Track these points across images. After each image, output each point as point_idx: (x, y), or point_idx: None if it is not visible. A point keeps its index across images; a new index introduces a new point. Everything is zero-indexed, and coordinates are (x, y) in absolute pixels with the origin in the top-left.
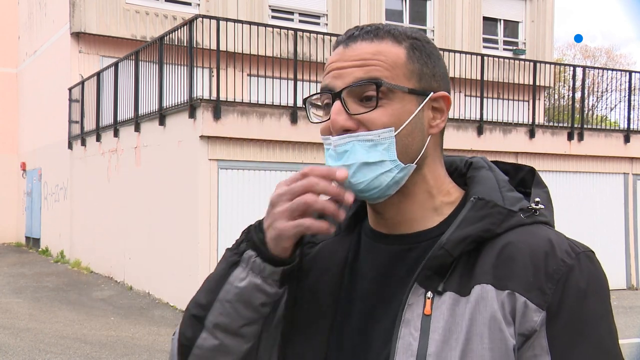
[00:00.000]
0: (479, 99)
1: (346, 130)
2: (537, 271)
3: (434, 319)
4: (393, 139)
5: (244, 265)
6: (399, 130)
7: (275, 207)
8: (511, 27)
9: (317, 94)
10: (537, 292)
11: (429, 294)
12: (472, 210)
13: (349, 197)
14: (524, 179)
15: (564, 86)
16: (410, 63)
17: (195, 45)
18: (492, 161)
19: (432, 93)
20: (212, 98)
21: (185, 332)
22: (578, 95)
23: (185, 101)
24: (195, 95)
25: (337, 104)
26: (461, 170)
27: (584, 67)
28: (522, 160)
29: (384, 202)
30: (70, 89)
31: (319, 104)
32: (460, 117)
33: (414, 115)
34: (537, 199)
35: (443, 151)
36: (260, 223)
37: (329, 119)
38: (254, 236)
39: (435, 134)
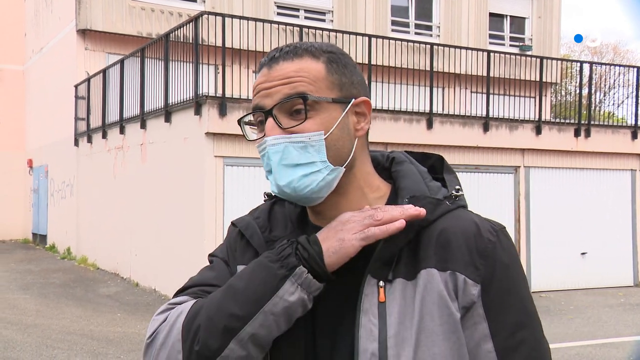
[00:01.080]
0: (485, 96)
1: None
2: (470, 251)
3: (389, 305)
4: (323, 142)
5: (293, 280)
6: (328, 134)
7: (346, 224)
8: (517, 23)
9: (249, 114)
10: (472, 268)
11: (381, 283)
12: (409, 203)
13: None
14: (433, 165)
15: (571, 82)
16: (329, 75)
17: (200, 42)
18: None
19: (353, 99)
20: (217, 95)
21: (210, 343)
22: (585, 91)
23: (191, 98)
24: (200, 92)
25: (270, 120)
26: (384, 165)
27: (591, 63)
28: (528, 157)
29: (322, 203)
30: (76, 86)
31: (253, 121)
32: (467, 114)
33: (339, 120)
34: (457, 187)
35: (369, 150)
36: (309, 238)
37: (264, 135)
38: (308, 250)
39: (361, 136)
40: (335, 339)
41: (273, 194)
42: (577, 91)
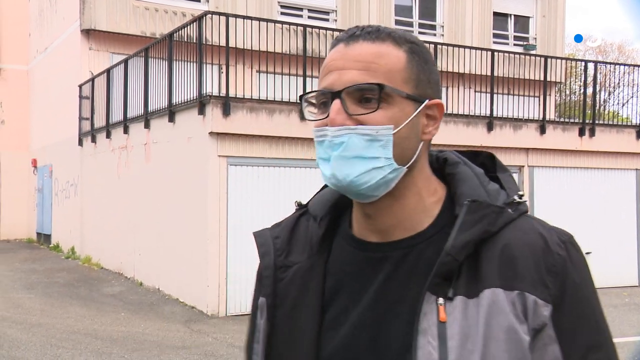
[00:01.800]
0: (489, 95)
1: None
2: (538, 267)
3: (450, 325)
4: (391, 137)
5: None
6: (397, 130)
7: None
8: (522, 22)
9: (315, 91)
10: (542, 288)
11: (441, 300)
12: (468, 213)
13: None
14: (484, 163)
15: (575, 81)
16: (409, 68)
17: (204, 42)
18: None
19: (427, 100)
20: (221, 94)
21: None
22: (589, 90)
23: (195, 98)
24: (204, 92)
25: (337, 102)
26: (433, 165)
27: (596, 62)
28: (533, 157)
29: (376, 206)
30: (80, 86)
31: (314, 101)
32: (471, 113)
33: (410, 118)
34: (521, 193)
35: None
36: None
37: (326, 117)
38: None
39: (427, 140)
40: None
41: (304, 204)
42: (582, 90)
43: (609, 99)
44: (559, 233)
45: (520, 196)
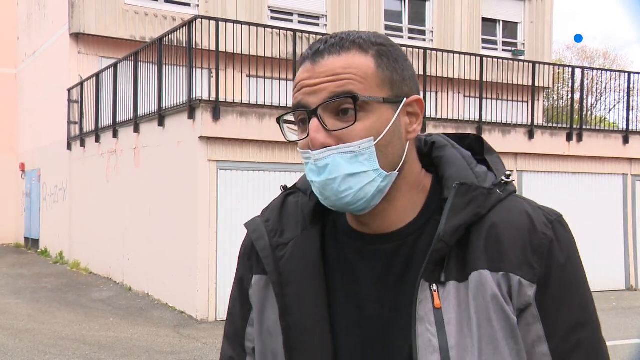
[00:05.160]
0: (478, 100)
1: (326, 146)
2: (524, 248)
3: (445, 311)
4: (373, 149)
5: None
6: (378, 140)
7: None
8: (510, 28)
9: (290, 112)
10: (527, 268)
11: (434, 286)
12: (457, 196)
13: None
14: (470, 147)
15: (563, 87)
16: (380, 72)
17: (194, 46)
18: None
19: (405, 99)
20: (211, 99)
21: None
22: (577, 96)
23: (185, 102)
24: (194, 96)
25: (315, 121)
26: (422, 150)
27: (583, 68)
28: (521, 161)
29: (369, 213)
30: (69, 90)
31: (293, 120)
32: (460, 118)
33: (391, 123)
34: (508, 172)
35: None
36: None
37: (307, 136)
38: None
39: (412, 139)
40: (385, 352)
41: (288, 188)
42: (569, 96)
43: (596, 104)
44: (547, 212)
45: (508, 176)
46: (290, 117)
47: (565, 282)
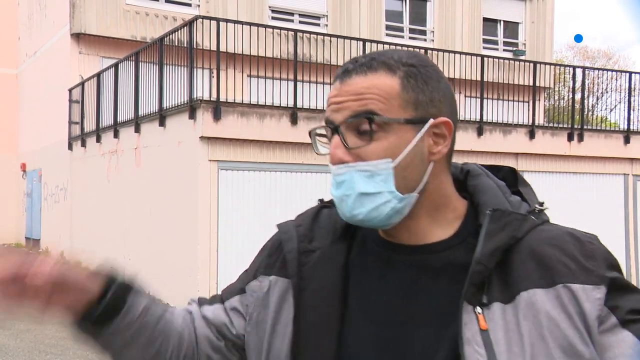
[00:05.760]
0: (479, 100)
1: (344, 163)
2: (574, 259)
3: (492, 332)
4: (391, 170)
5: None
6: (396, 162)
7: None
8: (511, 28)
9: (321, 126)
10: (586, 273)
11: (478, 309)
12: (492, 222)
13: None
14: (505, 178)
15: (564, 87)
16: (404, 93)
17: (195, 46)
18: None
19: (430, 120)
20: (212, 99)
21: None
22: (578, 96)
23: (185, 102)
24: (195, 96)
25: (336, 138)
26: (458, 177)
27: (584, 68)
28: (522, 161)
29: (393, 228)
30: (70, 90)
31: (325, 133)
32: (460, 118)
33: (411, 145)
34: (542, 201)
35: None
36: None
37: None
38: None
39: (438, 160)
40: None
41: (325, 201)
42: (570, 96)
43: (597, 104)
44: (586, 232)
45: (541, 204)
46: (323, 132)
47: (620, 281)
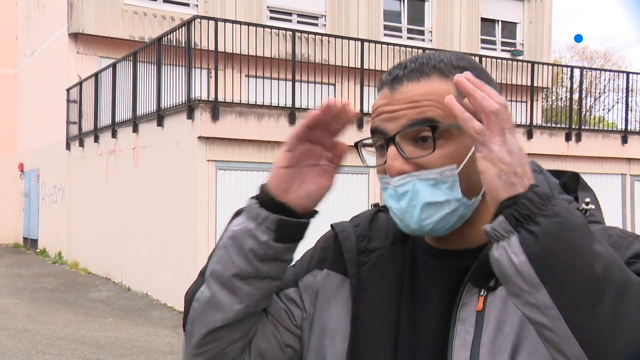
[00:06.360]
0: None
1: (405, 173)
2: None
3: (487, 315)
4: (456, 177)
5: (244, 212)
6: (460, 168)
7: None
8: (509, 28)
9: (369, 138)
10: None
11: (482, 292)
12: None
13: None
14: (566, 183)
15: (562, 87)
16: (460, 97)
17: (193, 46)
18: None
19: None
20: (210, 99)
21: (191, 288)
22: (576, 96)
23: (183, 102)
24: (193, 96)
25: (392, 149)
26: None
27: (582, 69)
28: None
29: (448, 235)
30: (68, 90)
31: (371, 143)
32: None
33: (473, 149)
34: (587, 200)
35: None
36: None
37: (385, 162)
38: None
39: None
40: (421, 350)
41: (380, 206)
42: (568, 96)
43: (595, 104)
44: (626, 232)
45: (587, 203)
46: (369, 142)
47: None
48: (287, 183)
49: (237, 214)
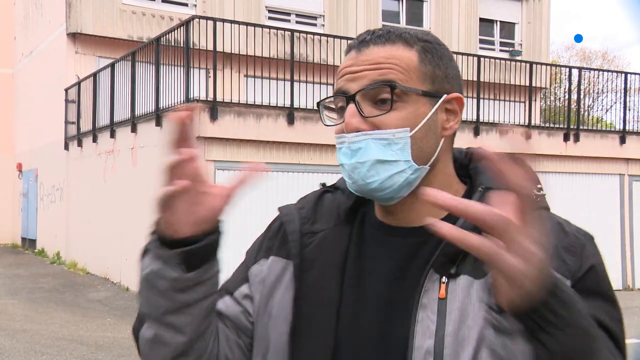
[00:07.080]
0: (475, 100)
1: (360, 131)
2: (555, 247)
3: (449, 302)
4: (408, 139)
5: (150, 253)
6: (414, 132)
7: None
8: (507, 28)
9: (331, 97)
10: (560, 262)
11: (444, 278)
12: (481, 199)
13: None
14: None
15: (560, 87)
16: (422, 66)
17: (191, 46)
18: None
19: (445, 95)
20: (208, 99)
21: (135, 324)
22: (574, 96)
23: (182, 102)
24: (191, 96)
25: (352, 106)
26: (462, 162)
27: (580, 69)
28: None
29: (397, 205)
30: (66, 90)
31: (333, 107)
32: None
33: (428, 117)
34: (539, 186)
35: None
36: None
37: (343, 121)
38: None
39: (448, 136)
40: (384, 344)
41: (327, 185)
42: (566, 96)
43: (593, 105)
44: (579, 229)
45: (540, 189)
46: (331, 105)
47: (596, 285)
48: (174, 223)
49: (145, 252)
